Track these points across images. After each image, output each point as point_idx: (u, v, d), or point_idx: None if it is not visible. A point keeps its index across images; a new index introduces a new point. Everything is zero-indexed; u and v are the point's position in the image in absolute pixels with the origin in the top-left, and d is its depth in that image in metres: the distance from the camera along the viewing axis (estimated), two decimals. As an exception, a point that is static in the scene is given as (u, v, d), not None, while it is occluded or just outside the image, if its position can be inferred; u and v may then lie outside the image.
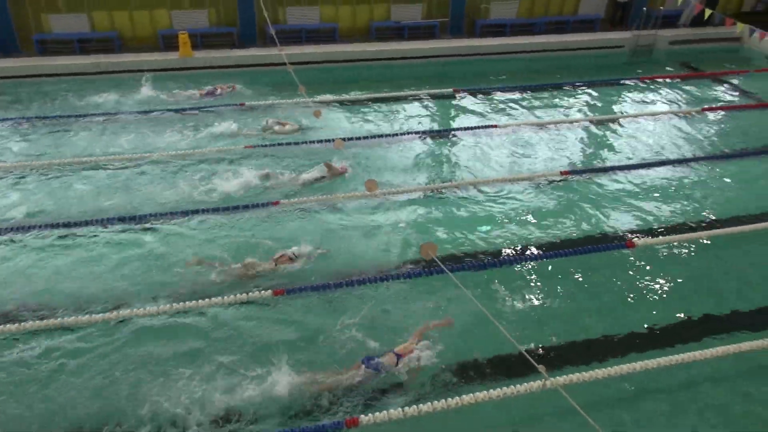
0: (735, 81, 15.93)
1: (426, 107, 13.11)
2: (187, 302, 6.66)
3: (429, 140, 11.54)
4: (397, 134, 11.54)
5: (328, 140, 10.64)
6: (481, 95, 13.93)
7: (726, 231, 8.90)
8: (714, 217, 9.49)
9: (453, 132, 11.88)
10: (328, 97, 13.28)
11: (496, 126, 12.12)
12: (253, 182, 9.29)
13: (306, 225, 8.41)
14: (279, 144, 10.78)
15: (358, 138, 11.31)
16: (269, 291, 6.91)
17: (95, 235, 8.03)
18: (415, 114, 12.81)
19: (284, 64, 13.13)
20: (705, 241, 8.75)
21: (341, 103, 13.09)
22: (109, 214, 8.45)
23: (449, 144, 11.35)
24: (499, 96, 13.99)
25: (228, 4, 15.79)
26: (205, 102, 12.50)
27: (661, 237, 8.61)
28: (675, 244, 8.56)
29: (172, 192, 9.08)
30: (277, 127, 11.26)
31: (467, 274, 7.56)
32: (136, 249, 7.85)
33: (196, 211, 8.53)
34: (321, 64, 15.49)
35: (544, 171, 10.42)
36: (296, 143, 10.78)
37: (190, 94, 12.75)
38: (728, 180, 10.79)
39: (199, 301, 6.75)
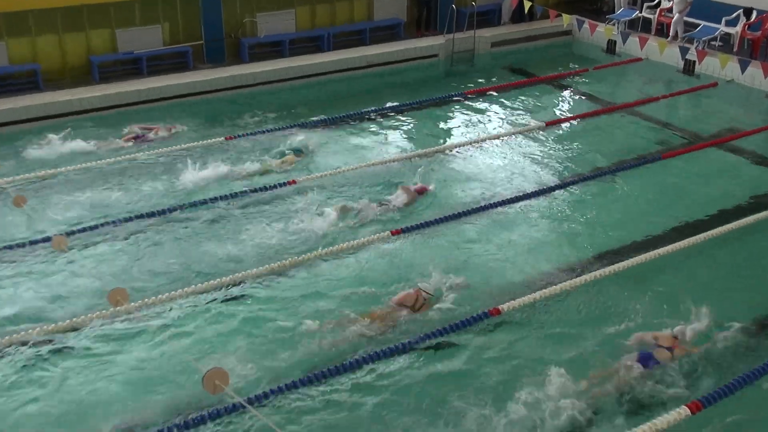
0: (575, 83, 17.54)
1: (193, 165, 12.64)
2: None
3: (207, 212, 11.41)
4: (168, 210, 11.34)
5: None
6: (264, 140, 14.01)
7: (606, 271, 9.76)
8: (591, 255, 10.35)
9: (236, 197, 11.72)
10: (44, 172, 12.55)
11: (293, 182, 12.15)
12: (333, 220, 10.71)
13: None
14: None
15: (90, 226, 10.85)
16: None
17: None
18: (181, 173, 12.48)
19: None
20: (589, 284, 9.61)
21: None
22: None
23: (228, 222, 11.18)
24: (288, 137, 13.94)
25: None
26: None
27: (525, 297, 9.16)
28: (540, 301, 9.23)
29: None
30: (275, 162, 12.82)
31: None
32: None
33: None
34: (17, 125, 14.51)
35: (375, 235, 10.60)
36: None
37: (115, 144, 13.50)
38: (596, 210, 11.70)
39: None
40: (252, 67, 17.10)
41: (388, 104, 15.94)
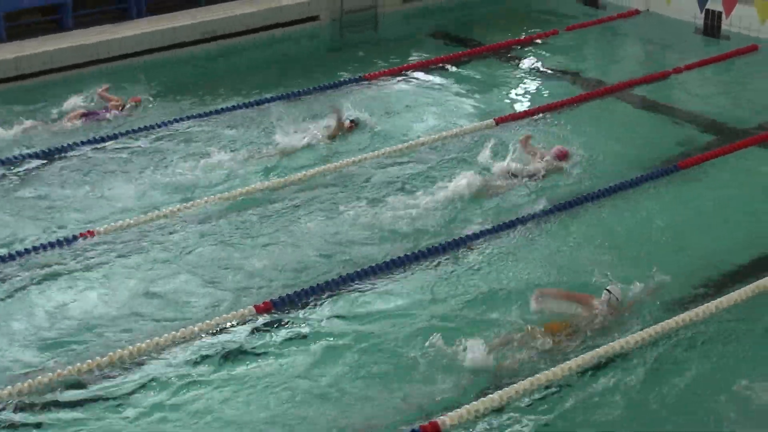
0: (539, 53, 17.02)
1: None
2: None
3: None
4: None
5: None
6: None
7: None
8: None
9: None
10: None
11: (91, 233, 11.49)
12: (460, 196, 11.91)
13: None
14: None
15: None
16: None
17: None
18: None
19: None
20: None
21: None
22: None
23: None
24: (79, 163, 13.17)
25: None
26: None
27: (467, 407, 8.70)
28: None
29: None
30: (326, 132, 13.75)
31: None
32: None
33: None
34: None
35: (235, 311, 10.20)
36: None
37: (56, 126, 14.29)
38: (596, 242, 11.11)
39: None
40: (12, 49, 16.00)
41: (235, 102, 14.95)
